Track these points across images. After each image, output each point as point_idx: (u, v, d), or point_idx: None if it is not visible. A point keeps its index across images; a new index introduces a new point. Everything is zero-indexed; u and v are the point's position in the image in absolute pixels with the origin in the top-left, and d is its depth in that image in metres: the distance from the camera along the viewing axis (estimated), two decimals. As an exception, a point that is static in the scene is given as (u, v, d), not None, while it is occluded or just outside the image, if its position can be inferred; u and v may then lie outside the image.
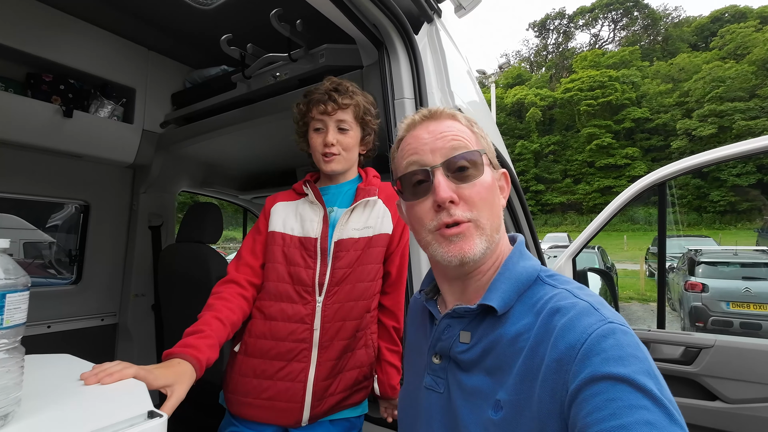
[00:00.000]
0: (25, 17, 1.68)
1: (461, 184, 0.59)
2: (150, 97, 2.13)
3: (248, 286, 1.02)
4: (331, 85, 1.06)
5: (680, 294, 7.44)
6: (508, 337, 0.55)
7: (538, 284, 0.59)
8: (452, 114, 0.65)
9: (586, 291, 0.55)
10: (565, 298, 0.53)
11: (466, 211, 0.58)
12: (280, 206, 1.09)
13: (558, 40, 54.43)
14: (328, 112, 1.03)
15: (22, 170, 1.90)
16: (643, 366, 0.44)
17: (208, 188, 2.71)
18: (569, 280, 0.59)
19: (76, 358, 0.72)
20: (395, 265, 1.09)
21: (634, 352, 0.45)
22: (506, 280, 0.58)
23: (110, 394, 0.58)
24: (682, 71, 35.35)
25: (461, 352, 0.59)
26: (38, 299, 1.99)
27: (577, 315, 0.50)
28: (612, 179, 32.90)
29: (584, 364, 0.45)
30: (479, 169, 0.60)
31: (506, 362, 0.54)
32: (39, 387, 0.58)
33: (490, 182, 0.61)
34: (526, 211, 2.02)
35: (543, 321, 0.52)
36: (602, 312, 0.50)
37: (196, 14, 1.74)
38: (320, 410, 0.98)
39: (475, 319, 0.60)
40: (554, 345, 0.49)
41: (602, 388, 0.43)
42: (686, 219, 27.90)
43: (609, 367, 0.44)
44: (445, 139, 0.61)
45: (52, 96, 1.81)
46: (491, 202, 0.60)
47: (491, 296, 0.57)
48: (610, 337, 0.46)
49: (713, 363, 1.58)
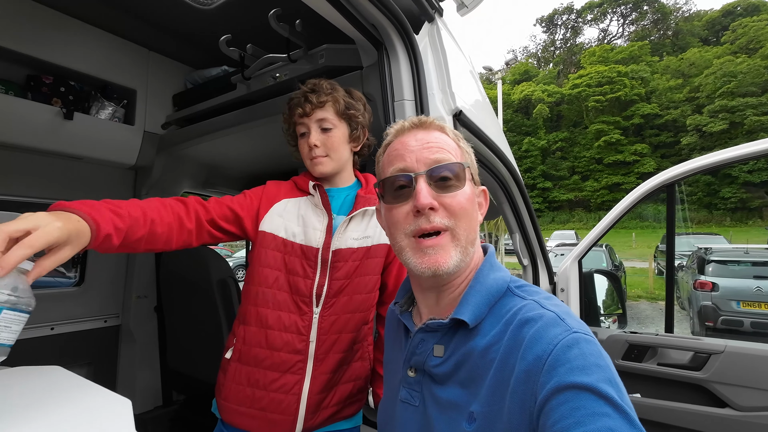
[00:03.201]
0: (24, 19, 1.67)
1: (443, 193, 0.60)
2: (151, 98, 2.12)
3: (193, 216, 0.91)
4: (308, 87, 1.04)
5: (689, 293, 7.33)
6: (479, 349, 0.56)
7: (508, 296, 0.60)
8: (441, 126, 0.66)
9: (553, 301, 0.57)
10: (532, 309, 0.55)
11: (444, 218, 0.59)
12: (282, 204, 1.02)
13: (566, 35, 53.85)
14: (307, 113, 1.01)
15: (23, 173, 1.90)
16: (605, 374, 0.46)
17: (210, 189, 2.71)
18: (538, 290, 0.60)
19: (65, 371, 0.70)
20: (392, 275, 1.07)
21: (597, 361, 0.47)
22: (477, 293, 0.60)
23: (92, 412, 0.56)
24: (693, 66, 34.78)
25: (435, 365, 0.60)
26: (42, 301, 2.00)
27: (543, 326, 0.51)
28: (620, 176, 32.54)
29: (551, 374, 0.47)
30: (461, 181, 0.61)
31: (479, 374, 0.55)
32: (19, 403, 0.56)
33: (470, 195, 0.62)
34: (530, 211, 1.98)
35: (512, 332, 0.53)
36: (567, 322, 0.51)
37: (197, 14, 1.73)
38: (313, 423, 0.95)
39: (448, 333, 0.61)
40: (523, 356, 0.50)
41: (567, 397, 0.45)
42: (696, 216, 27.51)
43: (573, 376, 0.46)
44: (431, 149, 0.62)
45: (52, 98, 1.81)
46: (470, 215, 0.61)
47: (463, 310, 0.59)
48: (574, 347, 0.48)
49: (723, 369, 1.54)
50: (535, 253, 2.10)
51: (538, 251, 2.10)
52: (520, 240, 2.05)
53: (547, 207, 34.82)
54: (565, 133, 37.80)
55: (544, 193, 35.27)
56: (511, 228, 2.05)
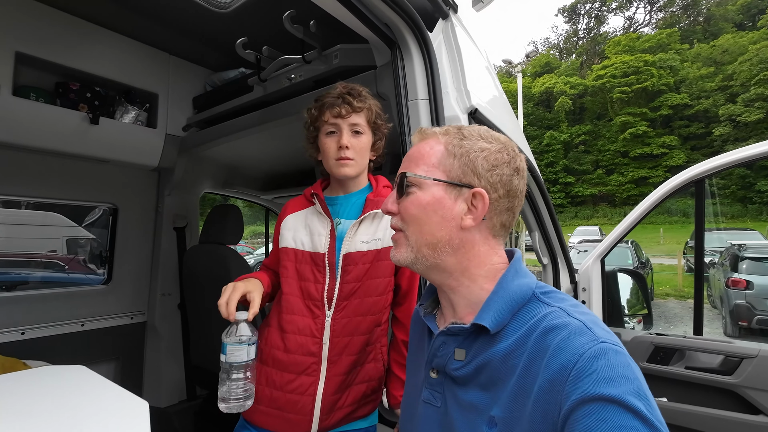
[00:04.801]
0: (53, 28, 1.74)
1: (400, 198, 0.66)
2: (172, 101, 2.17)
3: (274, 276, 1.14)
4: (344, 89, 1.05)
5: (721, 291, 7.03)
6: (500, 355, 0.56)
7: (533, 302, 0.60)
8: (435, 133, 0.69)
9: (580, 309, 0.56)
10: (558, 317, 0.54)
11: (398, 222, 0.67)
12: (290, 219, 1.10)
13: (589, 24, 52.13)
14: (342, 115, 1.02)
15: (53, 175, 1.98)
16: (633, 386, 0.45)
17: (230, 189, 2.76)
18: (565, 297, 0.60)
19: (88, 371, 0.73)
20: (405, 277, 1.07)
21: (625, 373, 0.46)
22: (500, 299, 0.60)
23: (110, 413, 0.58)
24: (726, 53, 33.08)
25: (456, 369, 0.61)
26: (73, 299, 2.09)
27: (569, 335, 0.51)
28: (647, 169, 31.36)
29: (576, 385, 0.46)
30: (421, 187, 0.64)
31: (500, 379, 0.55)
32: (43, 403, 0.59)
33: (427, 200, 0.64)
34: (550, 208, 1.93)
35: (536, 340, 0.53)
36: (594, 331, 0.51)
37: (214, 17, 1.76)
38: (329, 423, 0.97)
39: (469, 337, 0.62)
40: (547, 365, 0.50)
41: (593, 409, 0.44)
42: (729, 211, 26.26)
43: (599, 387, 0.45)
44: (405, 160, 0.69)
45: (79, 104, 1.88)
46: (422, 220, 0.64)
47: (484, 316, 0.59)
48: (601, 357, 0.47)
49: (757, 374, 1.47)
50: (556, 252, 2.05)
51: (558, 250, 2.06)
52: (540, 238, 2.00)
53: (569, 202, 33.91)
54: (588, 125, 36.70)
55: (567, 188, 34.34)
56: (530, 226, 2.01)
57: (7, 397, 0.62)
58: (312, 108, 1.08)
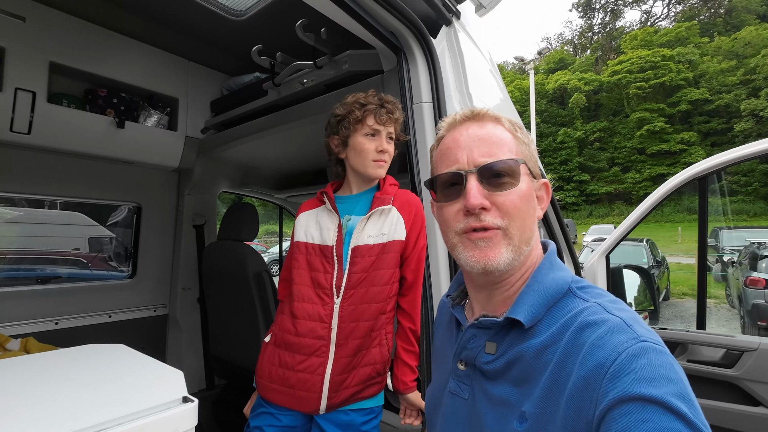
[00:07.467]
0: (82, 39, 1.87)
1: (495, 191, 0.57)
2: (191, 105, 2.29)
3: None
4: (384, 99, 1.14)
5: (740, 290, 6.88)
6: (533, 350, 0.54)
7: (568, 296, 0.57)
8: (495, 117, 0.62)
9: (619, 305, 0.53)
10: (596, 312, 0.51)
11: (496, 218, 0.56)
12: (302, 217, 1.21)
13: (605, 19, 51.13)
14: (384, 123, 1.12)
15: (82, 176, 2.12)
16: (676, 388, 0.42)
17: (246, 188, 2.88)
18: (603, 293, 0.56)
19: (128, 348, 0.83)
20: (410, 269, 1.15)
21: (668, 374, 0.43)
22: (534, 293, 0.57)
23: (151, 381, 0.67)
24: (748, 46, 32.07)
25: (486, 362, 0.59)
26: (101, 292, 2.23)
27: (607, 331, 0.48)
28: (665, 166, 30.62)
29: (614, 383, 0.44)
30: (516, 177, 0.58)
31: (532, 374, 0.53)
32: (93, 373, 0.68)
33: (525, 192, 0.58)
34: (553, 203, 1.98)
35: (571, 336, 0.51)
36: (635, 329, 0.48)
37: (230, 25, 1.86)
38: (336, 401, 1.06)
39: (501, 331, 0.59)
40: (582, 362, 0.48)
41: (632, 409, 0.42)
42: (751, 208, 25.51)
43: (640, 387, 0.42)
44: (482, 145, 0.59)
45: (106, 109, 2.01)
46: (524, 213, 0.58)
47: (518, 309, 0.56)
48: (642, 356, 0.45)
49: (757, 367, 1.50)
50: (561, 247, 2.09)
51: (564, 245, 2.09)
52: (544, 234, 2.05)
53: (584, 200, 33.37)
54: (603, 122, 36.03)
55: (581, 186, 33.77)
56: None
57: (61, 369, 0.72)
58: (354, 109, 1.12)
